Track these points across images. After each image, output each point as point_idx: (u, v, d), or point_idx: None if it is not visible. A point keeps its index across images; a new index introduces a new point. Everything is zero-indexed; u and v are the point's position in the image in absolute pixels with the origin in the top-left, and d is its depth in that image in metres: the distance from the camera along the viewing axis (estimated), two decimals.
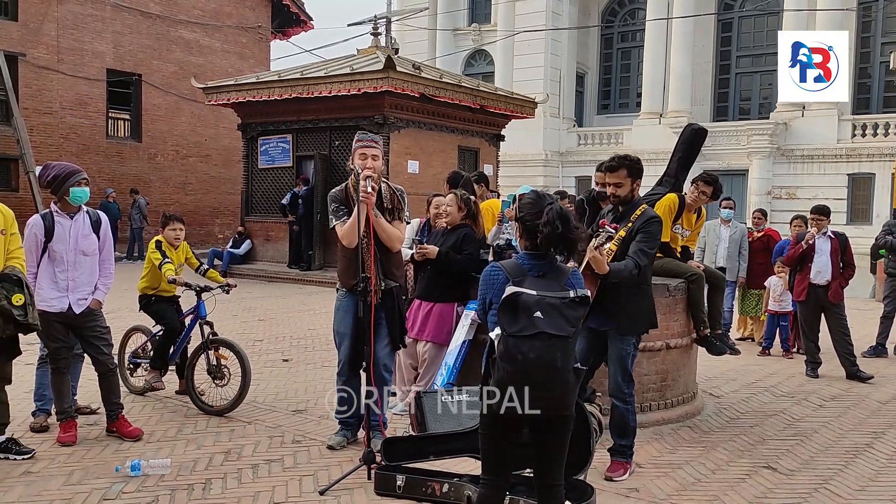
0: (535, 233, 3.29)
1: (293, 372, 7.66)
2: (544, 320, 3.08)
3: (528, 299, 3.12)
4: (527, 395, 3.06)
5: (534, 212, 3.32)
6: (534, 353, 3.05)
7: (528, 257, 3.35)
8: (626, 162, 4.81)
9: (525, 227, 3.37)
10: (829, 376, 7.95)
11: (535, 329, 3.06)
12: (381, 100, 15.27)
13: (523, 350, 3.05)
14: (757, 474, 4.94)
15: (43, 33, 20.56)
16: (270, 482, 4.64)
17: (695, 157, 6.75)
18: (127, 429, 5.41)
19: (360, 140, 5.03)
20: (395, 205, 5.14)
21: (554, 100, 28.87)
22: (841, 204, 23.88)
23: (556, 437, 3.27)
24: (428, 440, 4.40)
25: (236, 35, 25.09)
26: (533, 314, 3.08)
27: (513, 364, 3.07)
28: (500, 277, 3.30)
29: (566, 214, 3.28)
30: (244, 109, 17.56)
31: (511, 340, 3.08)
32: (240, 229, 18.23)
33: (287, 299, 13.44)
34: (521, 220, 3.39)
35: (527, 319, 3.08)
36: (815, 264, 7.96)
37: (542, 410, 3.12)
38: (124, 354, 6.69)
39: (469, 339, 6.01)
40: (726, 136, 26.54)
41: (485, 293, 3.40)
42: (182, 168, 23.56)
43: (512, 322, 3.10)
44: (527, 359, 3.04)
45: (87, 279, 5.27)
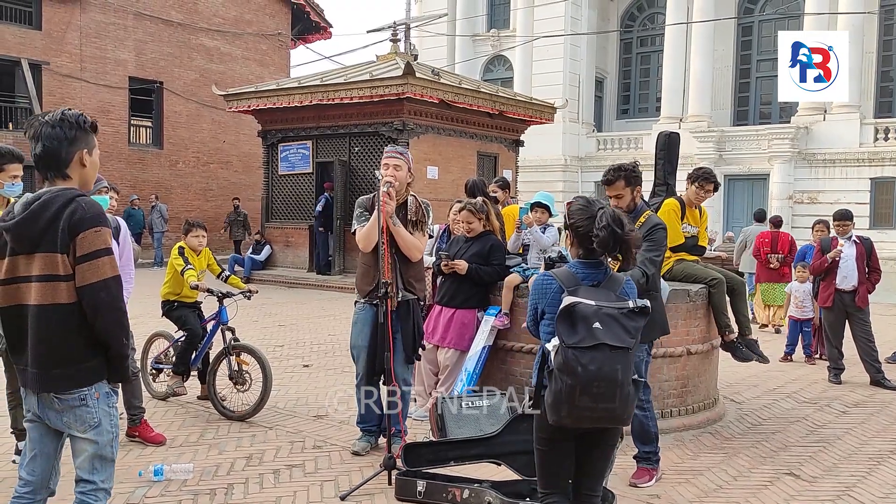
0: (588, 238, 3.18)
1: (314, 377, 7.70)
2: (603, 331, 2.99)
3: (586, 310, 3.03)
4: (587, 408, 2.99)
5: (585, 217, 3.22)
6: (594, 365, 2.95)
7: (582, 266, 3.26)
8: (622, 172, 4.82)
9: (577, 233, 3.25)
10: (853, 382, 7.87)
11: (594, 340, 2.97)
12: (400, 106, 15.33)
13: (583, 362, 2.96)
14: (779, 481, 4.91)
15: (66, 42, 20.85)
16: (292, 487, 4.67)
17: (676, 160, 6.90)
18: (150, 434, 5.46)
19: (387, 152, 5.19)
20: (420, 217, 5.19)
21: (573, 105, 28.82)
22: (864, 208, 23.66)
23: (604, 449, 3.27)
24: (448, 445, 4.41)
25: (257, 42, 25.29)
26: (592, 325, 3.00)
27: (572, 376, 2.97)
28: (553, 287, 3.22)
29: (619, 216, 3.18)
30: (264, 116, 17.69)
31: (570, 352, 2.98)
32: (257, 236, 18.35)
33: (307, 305, 13.51)
34: (573, 227, 3.26)
35: (585, 330, 2.99)
36: (842, 270, 7.88)
37: (601, 423, 3.09)
38: (147, 360, 6.75)
39: (489, 344, 6.02)
40: (747, 141, 26.38)
41: (536, 302, 3.31)
42: (203, 174, 23.75)
43: (570, 333, 3.01)
44: (587, 371, 2.95)
45: None
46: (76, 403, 2.88)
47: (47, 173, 2.96)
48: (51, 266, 2.82)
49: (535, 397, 3.24)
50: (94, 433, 2.91)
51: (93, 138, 3.05)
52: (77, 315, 2.84)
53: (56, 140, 2.91)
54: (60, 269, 2.82)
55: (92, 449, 2.92)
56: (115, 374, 2.96)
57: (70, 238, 2.81)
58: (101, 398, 2.92)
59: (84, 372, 2.88)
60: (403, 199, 5.14)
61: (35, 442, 3.03)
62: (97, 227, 2.85)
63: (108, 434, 2.95)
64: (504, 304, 6.07)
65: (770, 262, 11.07)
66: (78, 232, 2.81)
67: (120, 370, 2.97)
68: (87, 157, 3.00)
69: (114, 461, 3.01)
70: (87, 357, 2.88)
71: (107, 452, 2.96)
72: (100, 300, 2.83)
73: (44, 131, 2.90)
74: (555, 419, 3.07)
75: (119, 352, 2.91)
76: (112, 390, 2.99)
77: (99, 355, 2.90)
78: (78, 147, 2.97)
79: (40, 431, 3.01)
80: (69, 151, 2.94)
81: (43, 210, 2.83)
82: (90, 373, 2.89)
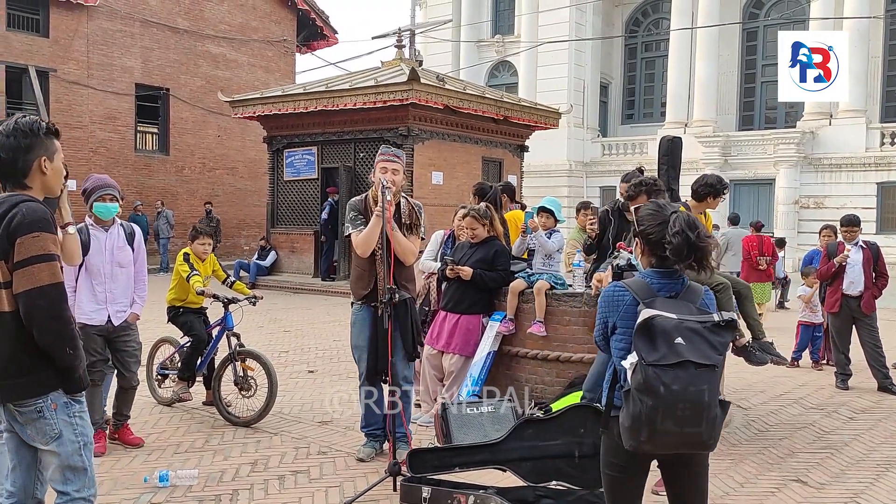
0: (660, 246, 2.96)
1: (319, 383, 7.70)
2: (687, 347, 2.73)
3: (666, 323, 2.78)
4: (670, 432, 2.73)
5: (657, 223, 2.99)
6: (678, 385, 2.69)
7: (657, 275, 3.01)
8: (643, 187, 4.82)
9: (648, 241, 3.02)
10: (860, 388, 7.83)
11: (678, 357, 2.71)
12: (405, 111, 15.36)
13: (666, 381, 2.69)
14: (787, 488, 4.88)
15: (73, 49, 20.93)
16: (297, 493, 4.66)
17: (679, 165, 6.86)
18: (129, 437, 5.58)
19: (383, 154, 5.14)
20: (413, 220, 5.22)
21: (578, 110, 28.84)
22: (870, 213, 23.57)
23: (696, 471, 3.06)
24: (453, 451, 4.40)
25: (262, 49, 25.35)
26: (674, 340, 2.74)
27: (654, 397, 2.69)
28: (627, 299, 2.97)
29: (694, 221, 2.96)
30: (270, 122, 17.74)
31: (651, 370, 2.71)
32: (262, 242, 18.37)
33: (312, 310, 13.51)
34: (644, 235, 3.05)
35: (667, 347, 2.73)
36: (848, 275, 7.86)
37: (684, 449, 2.86)
38: (152, 366, 6.76)
39: (494, 350, 6.02)
40: (752, 146, 26.33)
41: (606, 316, 3.06)
42: (209, 181, 23.81)
43: (650, 349, 2.75)
44: (670, 391, 2.68)
45: (124, 291, 5.40)
46: (34, 416, 2.81)
47: (6, 183, 2.88)
48: None
49: (604, 418, 3.02)
50: (56, 444, 2.84)
51: (53, 144, 2.93)
52: (21, 324, 2.76)
53: (10, 150, 2.83)
54: (1, 277, 2.76)
55: (57, 461, 2.86)
56: (68, 385, 2.85)
57: (9, 244, 2.73)
58: (60, 409, 2.84)
59: (35, 382, 2.80)
60: (396, 202, 5.16)
61: (13, 453, 2.98)
62: (35, 232, 2.74)
63: (73, 444, 2.86)
64: (509, 309, 6.06)
65: (759, 264, 11.71)
66: (16, 237, 2.73)
67: (71, 381, 2.85)
68: (48, 164, 2.90)
69: (86, 469, 2.92)
70: (37, 367, 2.79)
71: (75, 462, 2.87)
72: (35, 308, 2.73)
73: None
74: (632, 444, 2.81)
75: (64, 363, 2.80)
76: (73, 400, 2.88)
77: (51, 365, 2.80)
78: (35, 155, 2.87)
79: (16, 442, 2.95)
80: (25, 160, 2.85)
81: None
82: (41, 383, 2.80)
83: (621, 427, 2.83)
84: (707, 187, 5.87)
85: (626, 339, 2.93)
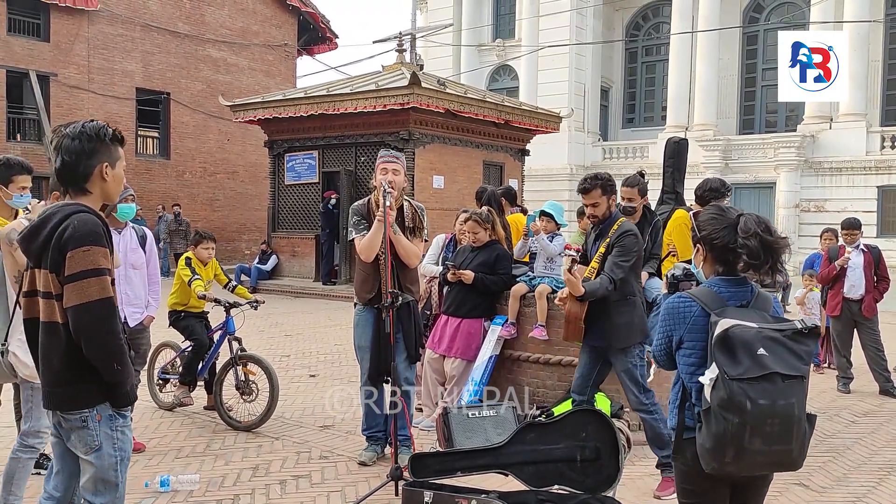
0: (728, 251, 2.78)
1: (320, 387, 7.69)
2: (771, 358, 2.55)
3: (745, 334, 2.59)
4: (759, 451, 2.54)
5: (722, 227, 2.79)
6: (766, 400, 2.50)
7: (725, 284, 2.81)
8: (598, 181, 4.85)
9: (713, 246, 2.82)
10: (862, 391, 7.82)
11: (763, 369, 2.53)
12: (406, 116, 15.36)
13: (752, 396, 2.49)
14: (789, 491, 4.87)
15: (74, 53, 20.98)
16: (298, 498, 4.66)
17: (685, 167, 6.86)
18: None
19: (383, 156, 5.17)
20: (416, 223, 5.23)
21: (579, 114, 28.84)
22: (871, 217, 23.54)
23: (763, 493, 2.90)
24: (455, 456, 4.40)
25: (263, 53, 25.39)
26: (756, 351, 2.56)
27: (740, 414, 2.50)
28: (695, 310, 2.77)
29: (766, 220, 2.77)
30: (271, 126, 17.74)
31: (736, 385, 2.51)
32: (263, 246, 18.37)
33: (313, 315, 13.51)
34: (707, 241, 2.84)
35: (750, 359, 2.55)
36: (849, 278, 7.86)
37: (772, 469, 2.69)
38: (154, 370, 6.75)
39: (496, 354, 6.02)
40: (753, 149, 26.31)
41: (671, 330, 2.85)
42: (210, 185, 23.83)
43: (732, 363, 2.55)
44: (757, 406, 2.49)
45: (138, 292, 5.47)
46: (78, 424, 2.81)
47: (67, 188, 2.86)
48: (49, 284, 2.76)
49: (676, 442, 2.83)
50: (94, 456, 2.83)
51: (116, 151, 2.91)
52: (72, 336, 2.75)
53: (74, 153, 2.80)
54: (53, 288, 2.76)
55: (92, 471, 2.84)
56: (115, 399, 2.84)
57: (61, 257, 2.72)
58: (104, 421, 2.83)
59: (83, 393, 2.80)
60: (399, 205, 5.17)
61: (58, 459, 2.99)
62: (86, 246, 2.72)
63: (110, 458, 2.85)
64: (511, 313, 6.06)
65: None
66: (66, 250, 2.71)
67: (118, 395, 2.84)
68: (109, 171, 2.87)
69: (118, 485, 2.89)
70: (85, 378, 2.79)
71: (109, 476, 2.86)
72: (84, 323, 2.71)
73: (64, 144, 2.81)
74: (714, 467, 2.62)
75: (112, 378, 2.78)
76: (117, 413, 2.87)
77: (100, 378, 2.79)
78: (98, 160, 2.84)
79: (62, 448, 2.96)
80: (87, 165, 2.83)
81: (42, 226, 2.77)
82: (89, 395, 2.80)
83: (700, 449, 2.65)
84: (711, 192, 5.89)
85: (696, 353, 2.77)
